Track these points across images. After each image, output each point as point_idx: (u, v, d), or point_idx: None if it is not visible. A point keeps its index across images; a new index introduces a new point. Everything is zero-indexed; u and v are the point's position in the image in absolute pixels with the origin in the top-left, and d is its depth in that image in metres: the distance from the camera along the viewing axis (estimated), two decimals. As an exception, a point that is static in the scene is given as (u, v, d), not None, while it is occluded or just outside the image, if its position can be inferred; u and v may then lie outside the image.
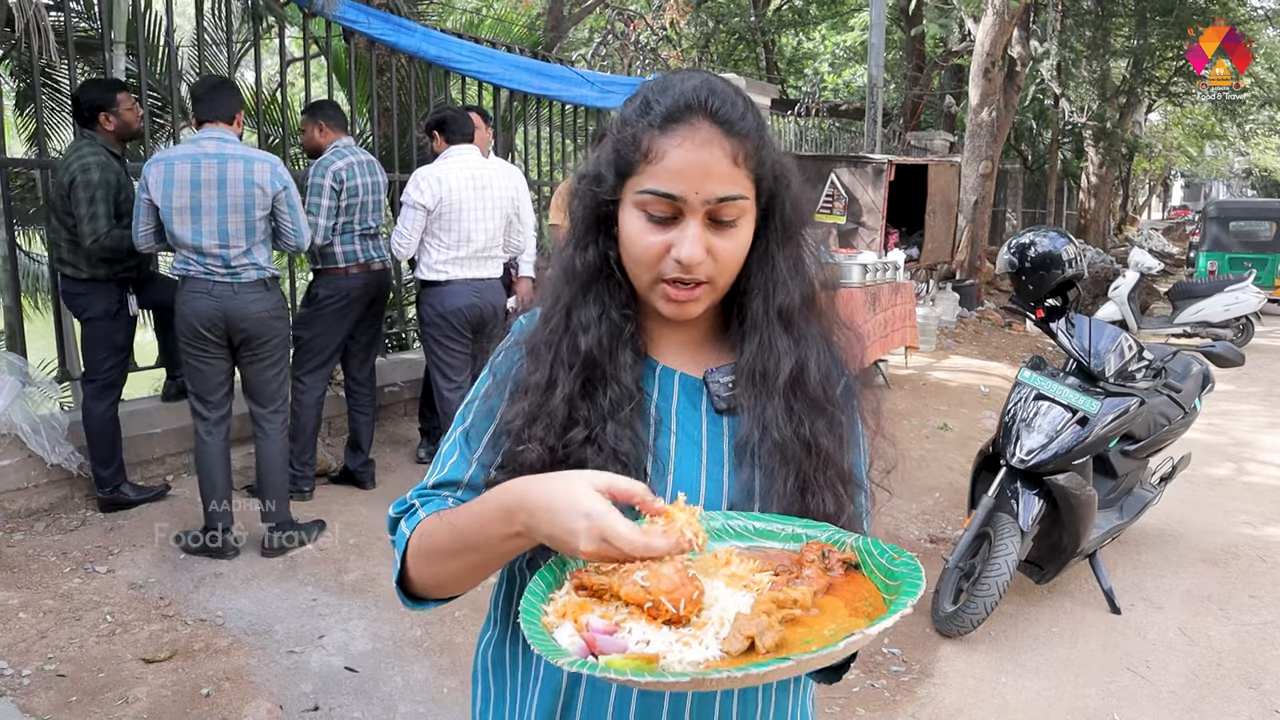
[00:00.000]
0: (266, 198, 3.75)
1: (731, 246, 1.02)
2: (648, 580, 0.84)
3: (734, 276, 1.06)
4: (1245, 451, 6.57)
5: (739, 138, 1.00)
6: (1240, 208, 15.84)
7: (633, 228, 1.02)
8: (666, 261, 1.01)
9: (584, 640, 0.82)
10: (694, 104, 1.00)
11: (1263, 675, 3.44)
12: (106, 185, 3.85)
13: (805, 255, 1.10)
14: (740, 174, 1.01)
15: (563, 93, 6.80)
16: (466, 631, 3.35)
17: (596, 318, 1.06)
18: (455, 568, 1.01)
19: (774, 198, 1.06)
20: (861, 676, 3.32)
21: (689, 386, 1.10)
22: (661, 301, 1.04)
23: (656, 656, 0.79)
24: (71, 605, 3.36)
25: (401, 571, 1.06)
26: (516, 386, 1.07)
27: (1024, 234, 4.07)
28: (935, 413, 6.98)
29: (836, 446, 1.07)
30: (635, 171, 1.02)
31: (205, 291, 3.68)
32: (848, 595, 0.87)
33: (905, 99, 15.34)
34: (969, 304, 11.37)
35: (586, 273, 1.07)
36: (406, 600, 1.08)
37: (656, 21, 13.89)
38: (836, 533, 0.96)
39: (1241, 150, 29.36)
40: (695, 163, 0.98)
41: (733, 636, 0.79)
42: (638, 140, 1.01)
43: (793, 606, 0.83)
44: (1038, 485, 3.64)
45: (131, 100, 4.09)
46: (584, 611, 0.85)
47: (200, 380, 3.79)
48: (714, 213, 1.00)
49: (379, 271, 4.55)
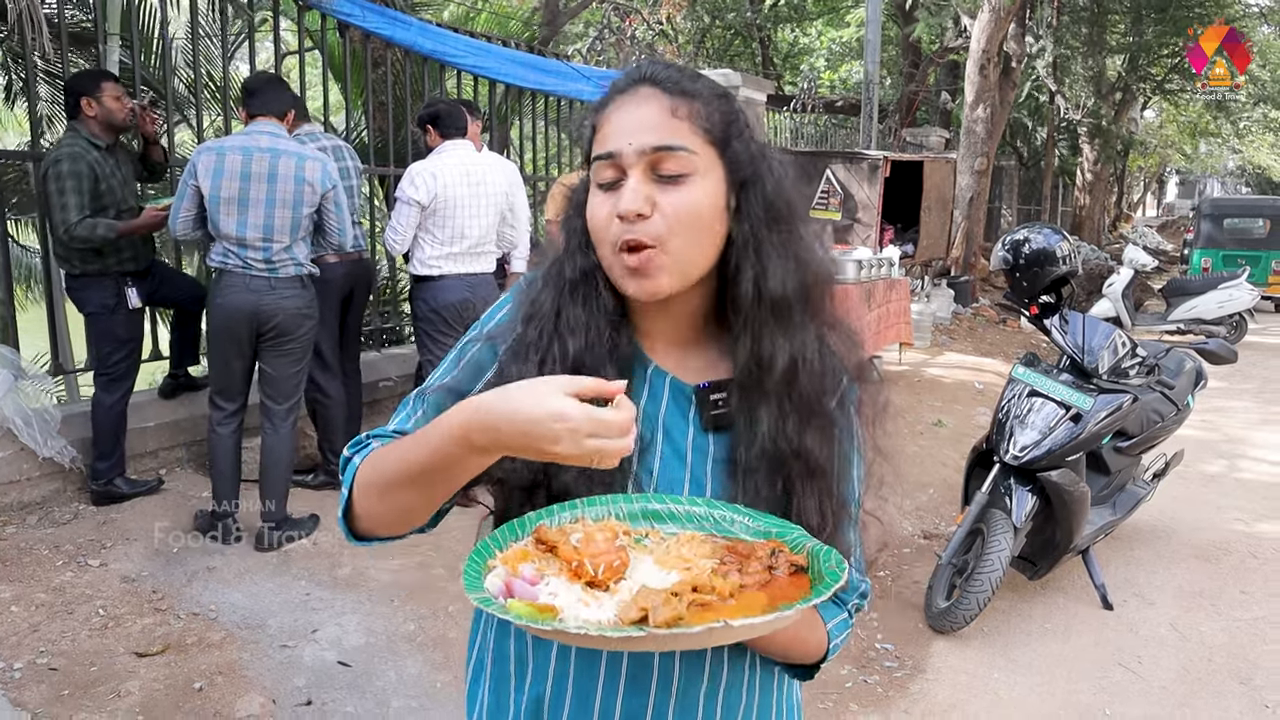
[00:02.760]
0: (315, 195, 3.77)
1: (679, 201, 0.98)
2: (581, 543, 0.91)
3: (701, 242, 1.00)
4: (1238, 448, 6.59)
5: (680, 95, 1.00)
6: (1234, 205, 15.87)
7: (590, 205, 1.03)
8: (613, 225, 0.99)
9: (504, 584, 0.87)
10: (635, 75, 1.03)
11: (1254, 670, 3.46)
12: (77, 176, 3.76)
13: (800, 246, 1.05)
14: (681, 126, 0.99)
15: (558, 87, 6.79)
16: (460, 627, 3.35)
17: (585, 323, 1.04)
18: (407, 498, 0.97)
19: (750, 170, 1.03)
20: (854, 672, 3.32)
21: (679, 394, 1.08)
22: (623, 278, 1.01)
23: (555, 609, 0.84)
24: (64, 599, 3.35)
25: (348, 506, 1.01)
26: (500, 371, 1.06)
27: (1019, 230, 4.08)
28: (930, 409, 6.99)
29: (827, 457, 1.05)
30: (591, 152, 1.03)
31: (243, 286, 3.69)
32: (779, 594, 0.88)
33: (901, 95, 15.34)
34: (964, 300, 11.38)
35: (576, 276, 1.07)
36: (351, 537, 1.03)
37: (652, 16, 13.88)
38: (801, 535, 0.96)
39: (1235, 148, 29.41)
40: (630, 118, 1.00)
41: (629, 605, 0.84)
42: (592, 123, 1.04)
43: (710, 593, 0.86)
44: (1031, 482, 3.65)
45: (118, 90, 4.00)
46: (523, 560, 0.90)
47: (224, 375, 3.81)
48: (655, 164, 0.98)
49: (356, 260, 4.54)
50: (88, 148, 3.86)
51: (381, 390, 5.60)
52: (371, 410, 5.45)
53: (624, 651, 1.01)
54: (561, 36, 12.51)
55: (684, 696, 1.04)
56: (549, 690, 1.05)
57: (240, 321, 3.72)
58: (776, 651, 1.04)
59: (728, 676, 1.06)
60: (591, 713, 1.04)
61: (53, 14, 4.51)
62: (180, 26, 7.22)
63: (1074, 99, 17.72)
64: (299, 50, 6.12)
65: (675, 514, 0.99)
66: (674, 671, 1.03)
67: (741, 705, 1.08)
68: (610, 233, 0.99)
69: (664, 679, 1.03)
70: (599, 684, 1.03)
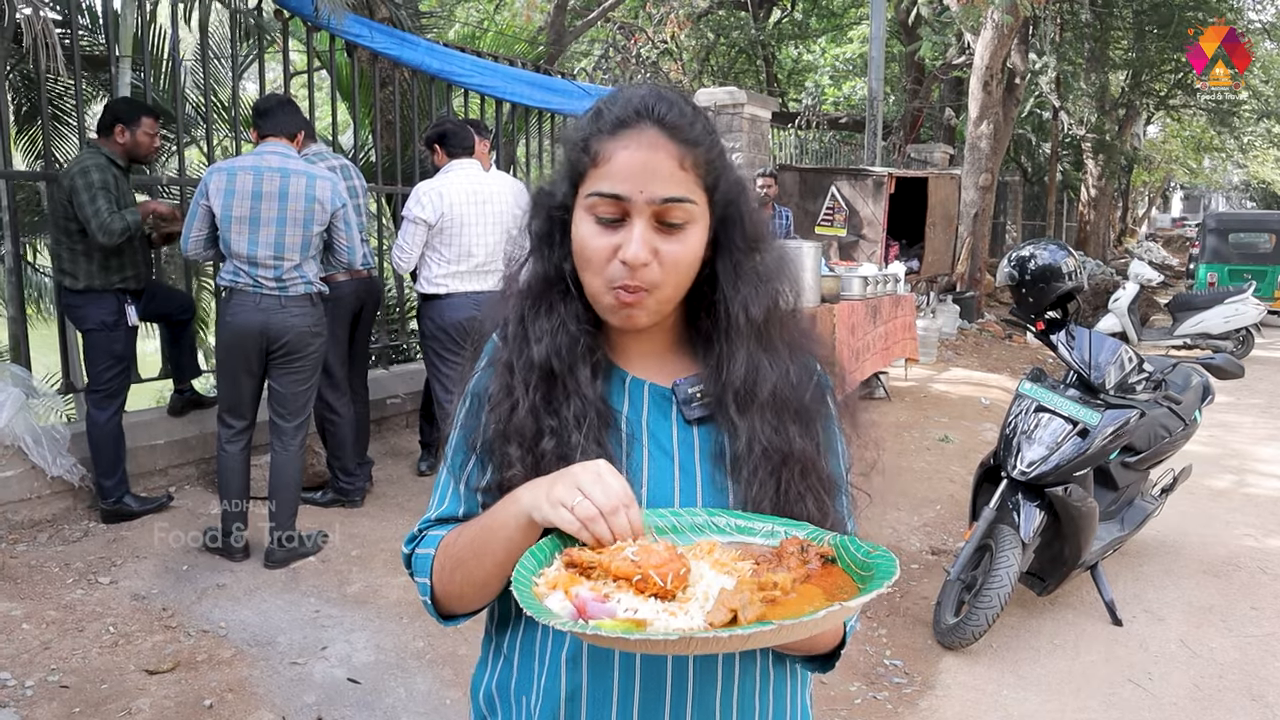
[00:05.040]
0: (325, 214, 3.83)
1: (679, 251, 1.03)
2: (638, 555, 0.89)
3: (682, 285, 1.06)
4: (1246, 463, 6.57)
5: (686, 144, 1.03)
6: (1239, 220, 15.86)
7: (582, 232, 1.05)
8: (614, 265, 1.02)
9: (574, 606, 0.86)
10: (642, 110, 1.04)
11: (1265, 687, 3.44)
12: (105, 184, 3.87)
13: (767, 264, 1.12)
14: (688, 178, 1.03)
15: (564, 106, 6.84)
16: (470, 644, 3.35)
17: (551, 330, 1.08)
18: (474, 572, 1.03)
19: (730, 207, 1.08)
20: (864, 688, 3.32)
21: (658, 396, 1.11)
22: (609, 311, 1.05)
23: (645, 622, 0.83)
24: (74, 616, 3.37)
25: (432, 590, 1.09)
26: (488, 400, 1.10)
27: (1024, 246, 4.09)
28: (936, 425, 6.98)
29: (814, 451, 1.09)
30: (585, 177, 1.05)
31: (253, 305, 3.73)
32: (826, 585, 0.90)
33: (905, 112, 15.39)
34: (969, 316, 11.39)
35: (540, 284, 1.10)
36: (441, 619, 1.12)
37: (657, 35, 13.97)
38: (815, 531, 0.99)
39: (1240, 162, 29.43)
40: (641, 163, 1.01)
41: (717, 609, 0.83)
42: (588, 146, 1.05)
43: (773, 589, 0.87)
44: (1039, 497, 3.65)
45: (154, 128, 4.12)
46: (574, 584, 0.89)
47: (233, 393, 3.84)
48: (660, 214, 1.02)
49: (365, 279, 4.58)
50: (109, 164, 3.96)
51: (389, 408, 5.62)
52: (379, 428, 5.47)
53: (638, 660, 1.03)
54: (567, 55, 12.60)
55: (700, 700, 1.04)
56: (562, 708, 1.06)
57: (250, 339, 3.75)
58: (804, 645, 1.06)
59: (740, 680, 1.07)
60: None
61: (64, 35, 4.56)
62: (190, 47, 7.30)
63: (1077, 114, 17.77)
64: (308, 70, 6.19)
65: (679, 526, 1.01)
66: (688, 679, 1.04)
67: (756, 710, 1.09)
68: (608, 272, 1.03)
69: (678, 687, 1.04)
70: (613, 700, 1.04)
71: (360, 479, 4.57)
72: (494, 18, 15.03)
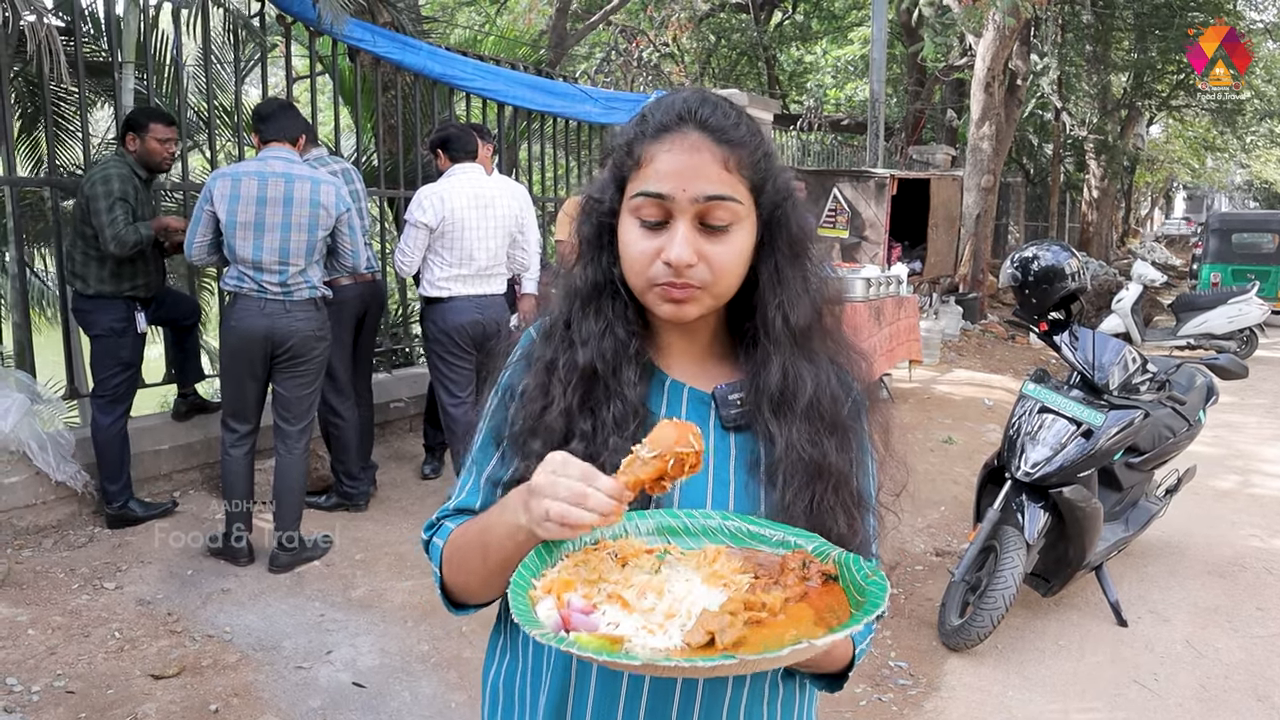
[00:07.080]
0: (330, 218, 3.84)
1: (725, 252, 1.03)
2: (652, 448, 0.93)
3: (733, 285, 1.06)
4: (1250, 464, 6.56)
5: (729, 144, 1.03)
6: (1243, 220, 15.85)
7: (628, 235, 1.05)
8: (657, 265, 1.03)
9: (560, 616, 0.87)
10: (684, 113, 1.04)
11: (1271, 688, 3.43)
12: (125, 195, 3.89)
13: (812, 273, 1.11)
14: (732, 179, 1.03)
15: (566, 109, 6.85)
16: (474, 647, 3.35)
17: (599, 332, 1.08)
18: (478, 568, 1.04)
19: (777, 210, 1.08)
20: (868, 690, 3.31)
21: (697, 401, 1.11)
22: (657, 302, 1.05)
23: (621, 639, 0.84)
24: (80, 622, 3.37)
25: (442, 580, 1.11)
26: (519, 393, 1.10)
27: (1027, 248, 4.09)
28: (939, 426, 6.98)
29: (848, 467, 1.09)
30: (630, 180, 1.05)
31: (258, 310, 3.74)
32: (820, 605, 0.90)
33: (907, 113, 15.40)
34: (972, 317, 11.38)
35: (589, 288, 1.10)
36: (451, 608, 1.12)
37: (659, 38, 13.99)
38: (823, 544, 0.98)
39: (1242, 163, 29.40)
40: (684, 164, 1.02)
41: (695, 630, 0.84)
42: (632, 149, 1.05)
43: (760, 610, 0.87)
44: (1043, 498, 3.64)
45: (165, 134, 4.09)
46: (568, 589, 0.90)
47: (238, 397, 3.85)
48: (704, 214, 1.02)
49: (369, 282, 4.59)
50: (131, 174, 3.98)
51: (393, 411, 5.63)
52: (383, 431, 5.48)
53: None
54: (569, 59, 12.61)
55: (708, 707, 1.05)
56: (570, 703, 1.06)
57: (255, 344, 3.76)
58: (809, 664, 1.05)
59: (750, 688, 1.07)
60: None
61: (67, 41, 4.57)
62: (192, 52, 7.31)
63: (1079, 115, 17.76)
64: (310, 75, 6.20)
65: (690, 528, 1.01)
66: (697, 685, 1.04)
67: (764, 717, 1.09)
68: (652, 272, 1.04)
69: (687, 693, 1.04)
70: (620, 699, 1.04)
71: (364, 483, 4.57)
72: (495, 22, 15.05)
